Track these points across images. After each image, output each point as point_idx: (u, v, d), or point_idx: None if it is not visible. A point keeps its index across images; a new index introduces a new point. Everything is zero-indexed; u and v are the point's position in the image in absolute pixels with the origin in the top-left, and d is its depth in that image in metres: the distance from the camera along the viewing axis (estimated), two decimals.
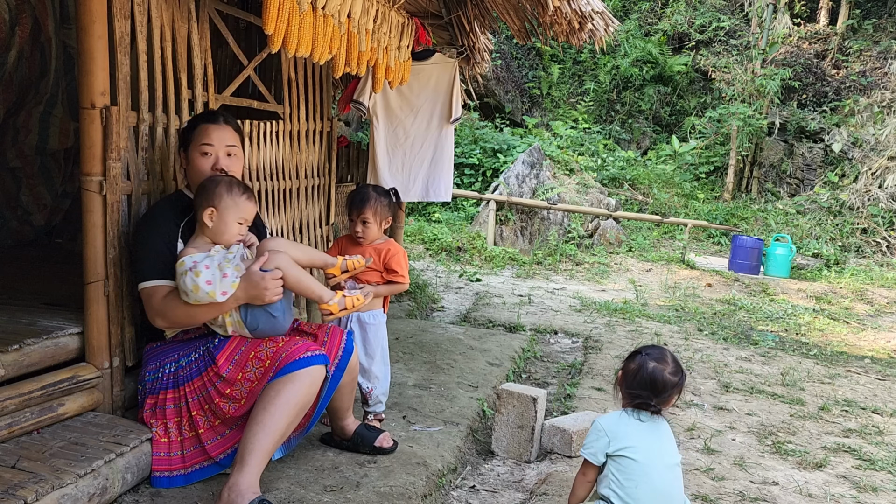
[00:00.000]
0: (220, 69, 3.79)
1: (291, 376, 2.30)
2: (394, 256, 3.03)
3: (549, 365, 4.58)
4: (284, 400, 2.28)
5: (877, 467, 3.15)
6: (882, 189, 10.48)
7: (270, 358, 2.36)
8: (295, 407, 2.30)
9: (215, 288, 2.26)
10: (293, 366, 2.31)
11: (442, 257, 8.43)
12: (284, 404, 2.28)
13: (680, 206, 11.19)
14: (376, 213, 2.99)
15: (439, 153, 4.69)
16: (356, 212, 3.00)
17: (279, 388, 2.29)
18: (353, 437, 2.75)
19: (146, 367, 2.49)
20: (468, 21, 4.57)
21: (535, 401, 3.00)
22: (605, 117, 14.02)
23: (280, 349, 2.37)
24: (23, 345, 2.33)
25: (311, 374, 2.33)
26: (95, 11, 2.39)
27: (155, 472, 2.36)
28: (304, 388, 2.32)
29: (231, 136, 2.60)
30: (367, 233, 3.01)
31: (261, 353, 2.39)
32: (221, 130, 2.57)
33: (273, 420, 2.25)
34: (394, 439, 2.83)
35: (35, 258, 3.99)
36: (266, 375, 2.34)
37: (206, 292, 2.25)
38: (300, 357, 2.33)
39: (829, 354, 5.33)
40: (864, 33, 13.39)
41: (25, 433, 2.27)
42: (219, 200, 2.39)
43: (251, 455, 2.21)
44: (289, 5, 2.61)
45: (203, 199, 2.40)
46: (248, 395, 2.35)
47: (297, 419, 2.36)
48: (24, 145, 4.21)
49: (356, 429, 2.77)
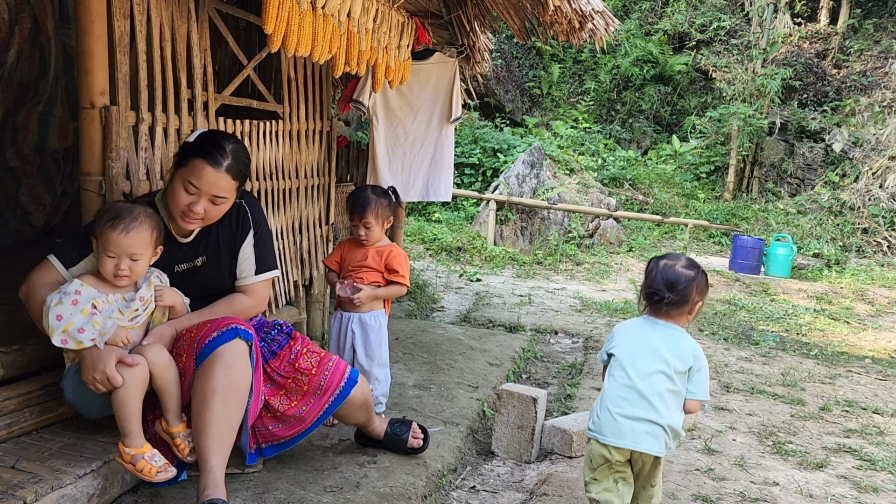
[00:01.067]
0: (219, 69, 3.79)
1: (203, 367, 2.16)
2: (395, 257, 3.04)
3: (550, 365, 4.58)
4: (201, 395, 2.14)
5: (877, 468, 3.15)
6: (883, 189, 10.47)
7: (186, 351, 2.25)
8: (216, 395, 2.13)
9: (54, 326, 2.02)
10: (203, 352, 2.17)
11: (442, 257, 8.42)
12: (202, 399, 2.14)
13: (680, 205, 11.18)
14: (377, 215, 3.00)
15: (439, 153, 4.69)
16: (358, 216, 3.00)
17: (196, 384, 2.17)
18: (384, 442, 2.74)
19: None
20: (468, 20, 4.57)
21: (535, 401, 3.00)
22: (606, 117, 14.01)
23: (193, 336, 2.26)
24: (23, 345, 2.33)
25: (221, 356, 2.16)
26: (95, 11, 2.38)
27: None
28: (219, 375, 2.14)
29: (226, 186, 2.30)
30: (370, 235, 3.01)
31: (180, 345, 2.28)
32: (218, 178, 2.27)
33: (201, 418, 2.14)
34: (422, 427, 2.79)
35: (35, 258, 3.98)
36: (189, 368, 2.22)
37: (47, 325, 2.03)
38: (207, 342, 2.19)
39: (829, 354, 5.32)
40: (865, 33, 13.39)
41: (25, 433, 2.27)
42: (97, 229, 2.11)
43: (201, 457, 2.14)
44: (288, 4, 2.60)
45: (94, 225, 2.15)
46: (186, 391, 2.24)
47: (228, 403, 2.15)
48: (24, 145, 4.20)
49: (386, 431, 2.74)
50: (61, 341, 2.02)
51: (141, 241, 2.12)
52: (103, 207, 2.17)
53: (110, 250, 2.09)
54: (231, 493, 2.33)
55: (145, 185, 2.65)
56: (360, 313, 3.03)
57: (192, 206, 2.26)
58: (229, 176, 2.30)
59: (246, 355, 2.22)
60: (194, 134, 2.37)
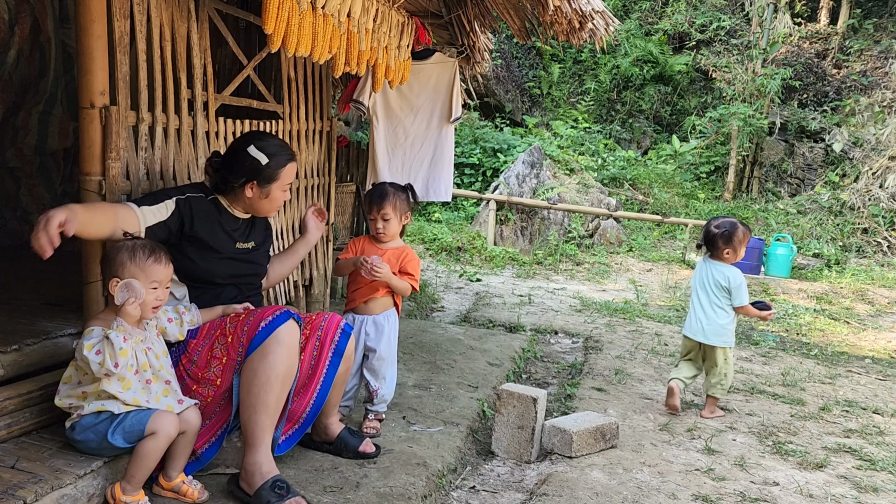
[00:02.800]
0: (219, 69, 3.79)
1: (262, 350, 2.30)
2: (411, 261, 3.04)
3: (550, 365, 4.58)
4: (265, 378, 2.29)
5: (878, 468, 3.15)
6: (883, 189, 10.47)
7: (233, 334, 2.38)
8: (277, 379, 2.30)
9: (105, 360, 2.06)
10: (260, 336, 2.31)
11: (442, 257, 8.42)
12: (265, 382, 2.29)
13: (680, 205, 11.18)
14: (395, 207, 2.97)
15: (439, 153, 4.69)
16: (376, 207, 2.97)
17: (255, 367, 2.30)
18: (336, 441, 2.72)
19: None
20: (468, 20, 4.57)
21: (535, 401, 2.99)
22: (606, 117, 14.01)
23: (242, 322, 2.38)
24: (22, 345, 2.33)
25: (279, 338, 2.31)
26: (95, 11, 2.38)
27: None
28: (280, 357, 2.30)
29: None
30: (388, 228, 2.98)
31: (225, 329, 2.41)
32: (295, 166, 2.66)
33: (259, 399, 2.29)
34: (376, 444, 2.79)
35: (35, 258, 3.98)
36: (234, 351, 2.36)
37: (97, 363, 2.07)
38: (263, 326, 2.33)
39: (829, 354, 5.32)
40: (865, 33, 13.38)
41: (25, 433, 2.27)
42: (122, 269, 2.15)
43: (250, 435, 2.31)
44: (288, 4, 2.60)
45: (107, 270, 2.19)
46: (223, 374, 2.37)
47: (285, 385, 2.35)
48: (24, 145, 4.21)
49: (340, 432, 2.73)
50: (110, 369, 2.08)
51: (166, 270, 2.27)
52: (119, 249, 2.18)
53: (152, 281, 2.18)
54: (230, 493, 2.34)
55: (145, 185, 2.65)
56: (374, 315, 3.01)
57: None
58: None
59: (297, 337, 2.39)
60: (260, 152, 2.53)
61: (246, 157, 2.52)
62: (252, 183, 2.53)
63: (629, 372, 4.31)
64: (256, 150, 2.52)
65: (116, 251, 2.18)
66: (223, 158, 2.61)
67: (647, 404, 3.78)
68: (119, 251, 2.17)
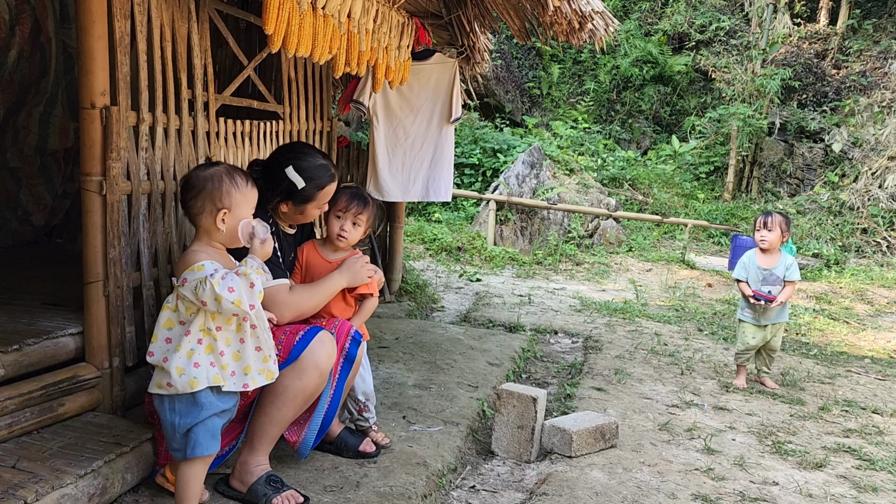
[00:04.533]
0: (220, 69, 3.79)
1: (297, 366, 2.32)
2: None
3: (549, 365, 4.58)
4: (292, 395, 2.33)
5: (877, 467, 3.15)
6: (882, 189, 10.47)
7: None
8: (304, 399, 2.36)
9: (241, 297, 1.98)
10: (298, 347, 2.34)
11: (442, 257, 8.43)
12: (291, 400, 2.34)
13: (680, 206, 11.19)
14: (369, 218, 2.76)
15: (439, 153, 4.69)
16: (355, 209, 2.70)
17: (286, 384, 2.33)
18: (336, 441, 2.74)
19: None
20: (468, 21, 4.57)
21: (535, 401, 3.00)
22: (606, 117, 14.02)
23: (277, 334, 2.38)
24: (23, 345, 2.34)
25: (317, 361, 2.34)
26: (95, 11, 2.39)
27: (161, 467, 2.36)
28: (313, 380, 2.35)
29: None
30: (352, 234, 2.71)
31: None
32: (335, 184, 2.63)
33: (280, 413, 2.34)
34: (380, 444, 2.81)
35: (35, 258, 3.99)
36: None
37: (231, 301, 1.96)
38: (300, 338, 2.36)
39: (829, 354, 5.33)
40: (865, 33, 13.39)
41: (25, 433, 2.27)
42: (228, 199, 2.09)
43: (259, 440, 2.36)
44: (289, 5, 2.61)
45: (205, 200, 2.09)
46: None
47: (307, 404, 2.41)
48: (24, 145, 4.21)
49: (340, 432, 2.75)
50: (249, 306, 2.00)
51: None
52: (218, 176, 2.09)
53: (252, 207, 2.15)
54: (221, 493, 2.35)
55: (146, 185, 2.65)
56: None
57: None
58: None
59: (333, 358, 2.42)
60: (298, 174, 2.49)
61: (284, 177, 2.49)
62: (288, 202, 2.54)
63: (629, 372, 4.32)
64: (294, 172, 2.48)
65: (215, 180, 2.08)
66: (263, 170, 2.53)
67: (647, 404, 3.78)
68: (219, 180, 2.08)
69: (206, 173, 2.13)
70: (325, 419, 2.58)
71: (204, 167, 2.20)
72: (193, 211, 2.13)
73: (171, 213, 2.82)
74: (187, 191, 2.13)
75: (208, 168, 2.17)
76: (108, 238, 2.47)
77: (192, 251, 2.11)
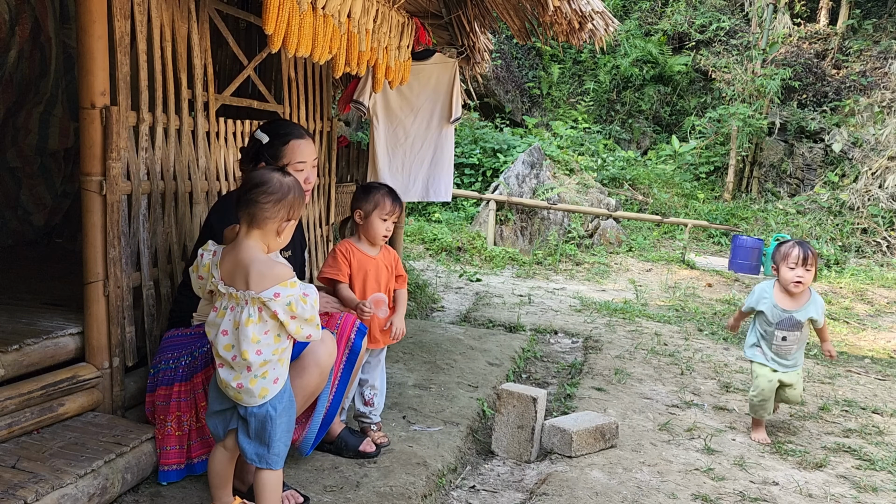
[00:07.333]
0: (220, 69, 3.79)
1: (297, 365, 2.30)
2: (399, 260, 3.01)
3: (549, 365, 4.58)
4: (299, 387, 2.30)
5: (877, 467, 3.15)
6: (882, 189, 10.47)
7: None
8: (302, 395, 2.33)
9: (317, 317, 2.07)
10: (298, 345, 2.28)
11: (442, 257, 8.43)
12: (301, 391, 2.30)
13: (680, 206, 11.19)
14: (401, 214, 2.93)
15: (439, 153, 4.69)
16: (398, 210, 2.80)
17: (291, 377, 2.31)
18: (336, 441, 2.73)
19: (163, 355, 2.46)
20: (468, 21, 4.58)
21: (535, 401, 3.00)
22: (605, 117, 14.02)
23: None
24: (23, 345, 2.34)
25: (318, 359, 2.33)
26: (95, 11, 2.39)
27: (163, 467, 2.36)
28: (314, 378, 2.33)
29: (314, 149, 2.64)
30: (392, 231, 2.88)
31: None
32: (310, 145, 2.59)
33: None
34: (376, 443, 2.80)
35: (35, 258, 3.99)
36: None
37: (316, 323, 2.07)
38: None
39: None
40: (865, 33, 13.39)
41: (25, 433, 2.27)
42: (298, 212, 2.09)
43: None
44: (289, 5, 2.61)
45: (282, 207, 2.04)
46: None
47: (308, 401, 2.39)
48: (24, 145, 4.21)
49: (340, 432, 2.75)
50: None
51: None
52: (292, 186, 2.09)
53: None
54: None
55: (146, 185, 2.65)
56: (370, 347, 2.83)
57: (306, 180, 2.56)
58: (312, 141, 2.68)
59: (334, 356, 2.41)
60: (263, 133, 2.53)
61: (253, 141, 2.53)
62: (260, 165, 2.42)
63: (629, 372, 4.32)
64: (261, 132, 2.53)
65: (294, 191, 2.06)
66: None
67: (647, 404, 3.78)
68: (297, 192, 2.08)
69: (287, 181, 2.06)
70: (326, 417, 2.58)
71: (279, 172, 2.09)
72: (265, 213, 2.01)
73: (171, 213, 2.82)
74: (263, 192, 2.01)
75: (286, 176, 2.08)
76: (108, 238, 2.47)
77: (272, 261, 2.03)
